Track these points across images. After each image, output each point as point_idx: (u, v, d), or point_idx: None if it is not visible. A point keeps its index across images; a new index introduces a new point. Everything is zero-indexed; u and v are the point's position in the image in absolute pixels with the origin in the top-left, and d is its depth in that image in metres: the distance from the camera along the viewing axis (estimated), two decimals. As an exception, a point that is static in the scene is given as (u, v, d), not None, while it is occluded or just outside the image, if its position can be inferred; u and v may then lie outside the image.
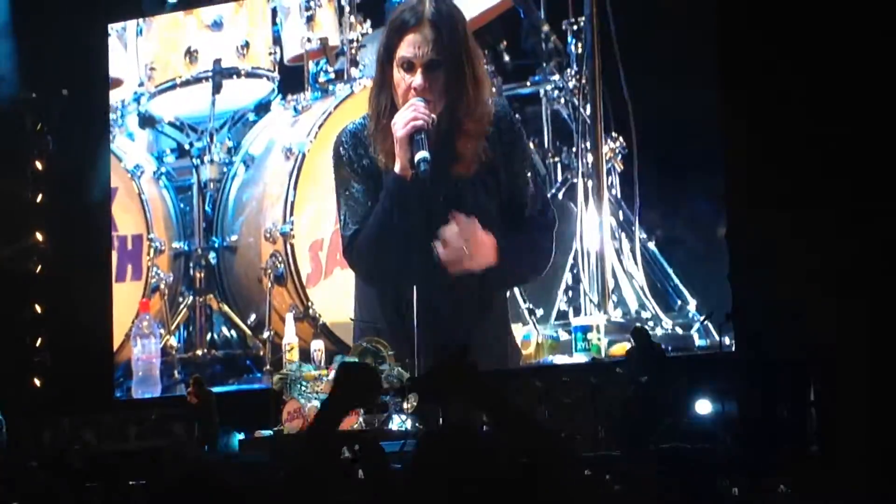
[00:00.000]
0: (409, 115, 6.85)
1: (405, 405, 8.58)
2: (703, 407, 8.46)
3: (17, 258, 10.62)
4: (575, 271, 9.91)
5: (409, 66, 6.73)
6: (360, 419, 8.41)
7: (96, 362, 10.71)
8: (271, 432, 9.08)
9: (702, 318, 9.48)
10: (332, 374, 8.72)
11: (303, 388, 8.92)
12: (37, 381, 10.65)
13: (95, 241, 10.83)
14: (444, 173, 8.27)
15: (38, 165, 10.84)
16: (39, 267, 10.71)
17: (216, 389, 9.80)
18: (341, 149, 7.16)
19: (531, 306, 9.88)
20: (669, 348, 9.34)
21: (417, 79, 6.67)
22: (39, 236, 10.69)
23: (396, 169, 7.03)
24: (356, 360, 7.90)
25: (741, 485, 7.34)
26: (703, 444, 7.77)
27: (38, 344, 10.72)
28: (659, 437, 7.81)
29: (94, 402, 10.44)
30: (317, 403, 8.61)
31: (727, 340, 9.16)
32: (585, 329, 9.67)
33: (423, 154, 6.76)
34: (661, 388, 8.32)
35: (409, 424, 8.43)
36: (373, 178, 7.02)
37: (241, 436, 9.18)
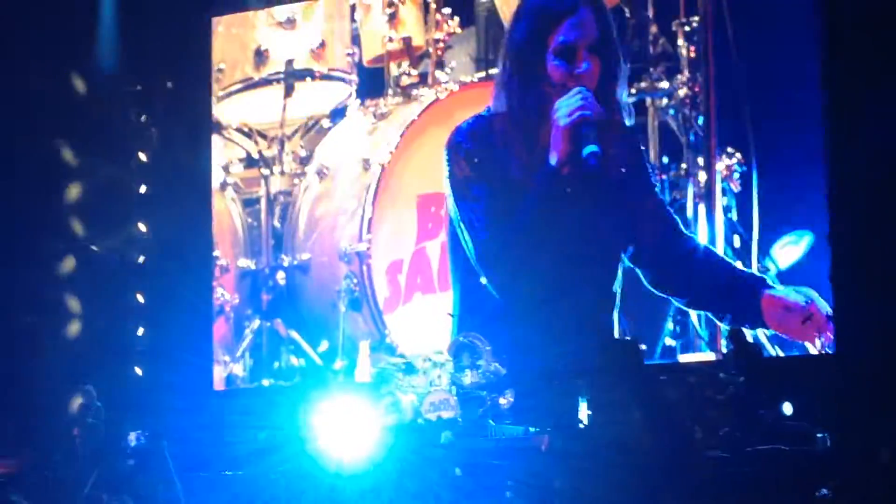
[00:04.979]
0: (577, 103, 5.99)
1: (501, 400, 8.20)
2: (787, 409, 8.15)
3: (121, 248, 10.13)
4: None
5: (570, 53, 5.90)
6: (454, 402, 8.14)
7: (196, 353, 9.98)
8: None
9: None
10: (427, 367, 8.61)
11: (398, 383, 8.59)
12: (138, 371, 10.14)
13: (198, 232, 10.18)
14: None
15: (142, 157, 10.39)
16: (142, 258, 10.22)
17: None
18: (461, 149, 6.29)
19: (632, 339, 8.93)
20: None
21: (583, 64, 5.81)
22: (143, 227, 10.23)
23: (552, 162, 6.17)
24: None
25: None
26: (802, 447, 7.24)
27: (139, 333, 10.19)
28: (757, 438, 7.29)
29: (195, 392, 9.77)
30: (413, 397, 8.40)
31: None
32: (695, 371, 8.73)
33: (592, 147, 5.93)
34: (758, 390, 7.86)
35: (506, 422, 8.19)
36: (499, 178, 6.19)
37: None
